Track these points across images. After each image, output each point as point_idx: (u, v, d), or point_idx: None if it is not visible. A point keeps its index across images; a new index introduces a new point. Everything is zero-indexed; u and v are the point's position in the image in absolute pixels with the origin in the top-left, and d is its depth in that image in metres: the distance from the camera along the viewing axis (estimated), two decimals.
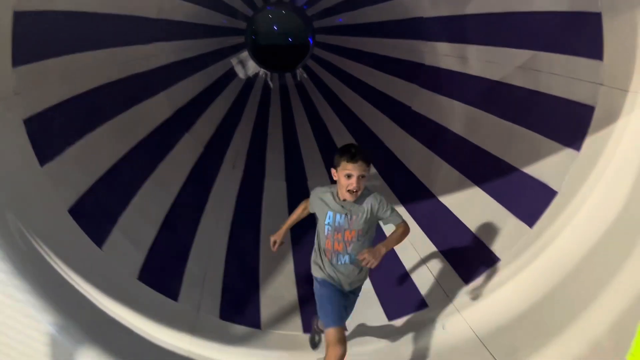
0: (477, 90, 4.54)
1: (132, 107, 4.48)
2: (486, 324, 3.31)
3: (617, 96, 3.05)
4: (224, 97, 6.83)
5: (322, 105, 7.39)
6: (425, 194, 4.75)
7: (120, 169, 3.92)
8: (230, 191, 5.42)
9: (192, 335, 3.29)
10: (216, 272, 4.16)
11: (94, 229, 3.29)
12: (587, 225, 3.14)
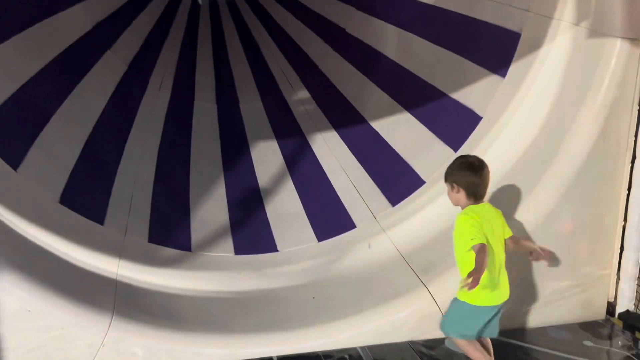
0: (411, 13, 4.50)
1: (45, 19, 4.10)
2: (409, 243, 3.49)
3: (542, 23, 3.13)
4: (149, 11, 6.37)
5: (254, 24, 7.09)
6: (357, 118, 4.78)
7: (35, 85, 3.63)
8: (158, 113, 5.21)
9: (120, 259, 3.25)
10: (144, 196, 4.06)
11: (8, 149, 3.09)
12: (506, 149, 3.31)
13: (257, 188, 4.65)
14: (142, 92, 5.19)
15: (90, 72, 4.54)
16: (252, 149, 5.11)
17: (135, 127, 4.68)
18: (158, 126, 4.95)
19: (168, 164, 4.60)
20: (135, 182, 4.10)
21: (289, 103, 5.76)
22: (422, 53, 4.34)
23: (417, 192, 3.81)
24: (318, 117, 5.32)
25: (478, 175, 2.58)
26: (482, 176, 2.59)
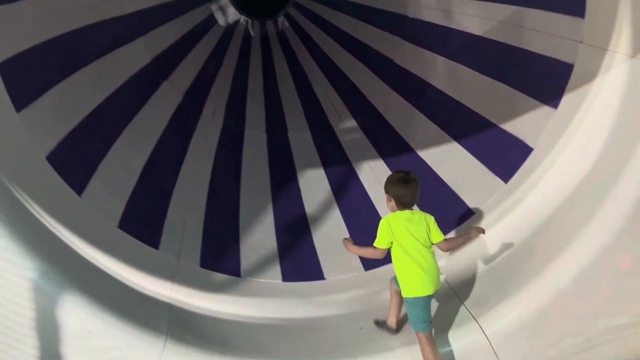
0: (459, 44, 4.53)
1: (109, 52, 4.36)
2: (459, 275, 3.45)
3: (596, 55, 3.09)
4: (203, 44, 6.66)
5: (303, 56, 7.28)
6: (404, 148, 4.80)
7: (98, 116, 3.86)
8: (210, 141, 5.39)
9: (173, 283, 3.36)
10: (197, 221, 4.19)
11: (73, 176, 3.27)
12: (559, 182, 3.25)
13: (304, 215, 4.71)
14: (196, 121, 5.40)
15: (149, 102, 4.77)
16: (299, 177, 5.20)
17: (189, 154, 4.86)
18: (210, 154, 5.11)
19: (219, 190, 4.73)
20: (188, 207, 4.23)
21: (336, 132, 5.85)
22: (470, 83, 4.34)
23: (465, 223, 3.78)
24: (365, 146, 5.38)
25: (405, 187, 3.04)
26: (409, 189, 3.04)
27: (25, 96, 3.09)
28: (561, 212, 3.13)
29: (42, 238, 2.72)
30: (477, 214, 3.75)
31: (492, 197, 3.67)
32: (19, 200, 2.68)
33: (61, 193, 3.15)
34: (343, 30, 6.85)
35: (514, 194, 3.53)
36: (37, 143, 3.08)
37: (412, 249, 2.94)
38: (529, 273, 2.97)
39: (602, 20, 3.03)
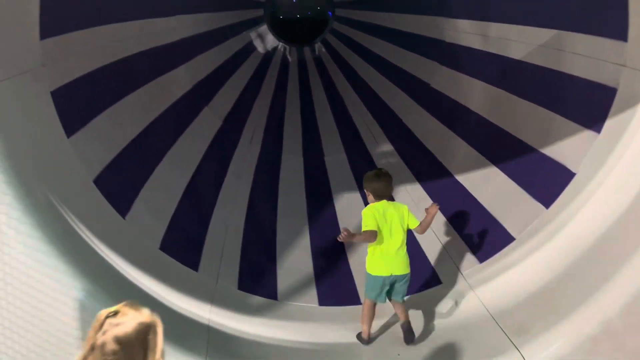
0: (497, 68, 4.52)
1: (154, 79, 4.53)
2: (499, 302, 3.37)
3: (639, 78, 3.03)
4: (242, 70, 6.84)
5: (340, 81, 7.37)
6: (442, 172, 4.77)
7: (142, 141, 4.00)
8: (249, 165, 5.49)
9: (212, 305, 3.40)
10: (235, 244, 4.25)
11: (118, 199, 3.39)
12: (603, 208, 3.16)
13: None
14: (234, 146, 5.51)
15: (190, 127, 4.92)
16: (336, 200, 5.22)
17: (227, 178, 4.96)
18: (248, 178, 5.20)
19: (257, 213, 4.80)
20: (227, 230, 4.30)
21: (372, 156, 5.86)
22: (509, 107, 4.31)
23: (506, 249, 3.71)
24: (402, 170, 5.36)
25: (379, 182, 3.45)
26: (382, 183, 3.45)
27: (75, 122, 3.23)
28: (606, 240, 3.03)
29: (89, 259, 2.81)
30: (518, 240, 3.68)
31: (533, 222, 3.59)
32: (68, 222, 2.79)
33: (106, 215, 3.27)
34: (379, 55, 6.92)
35: (556, 219, 3.45)
36: (85, 167, 3.21)
37: (386, 234, 3.33)
38: (573, 302, 2.88)
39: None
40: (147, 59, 4.46)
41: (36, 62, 2.94)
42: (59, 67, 3.17)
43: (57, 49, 3.15)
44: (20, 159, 2.59)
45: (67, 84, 3.24)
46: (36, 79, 2.91)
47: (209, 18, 6.18)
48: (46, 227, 2.53)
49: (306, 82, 7.61)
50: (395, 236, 3.33)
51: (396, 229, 3.34)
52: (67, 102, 3.14)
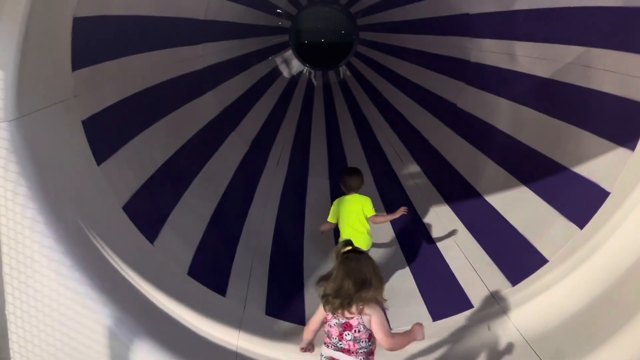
0: (525, 87, 4.46)
1: (181, 106, 4.62)
2: (533, 327, 3.26)
3: None
4: (268, 95, 6.93)
5: (365, 103, 7.39)
6: (471, 193, 4.70)
7: (170, 166, 4.05)
8: (275, 188, 5.51)
9: (240, 331, 3.38)
10: (262, 268, 4.24)
11: (147, 225, 3.42)
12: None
13: None
14: (261, 169, 5.55)
15: (217, 152, 4.98)
16: None
17: (254, 202, 4.98)
18: (275, 201, 5.22)
19: (284, 237, 4.79)
20: (254, 255, 4.30)
21: (398, 177, 5.82)
22: (538, 126, 4.23)
23: (539, 271, 3.59)
24: (429, 191, 5.31)
25: (350, 178, 4.31)
26: (352, 179, 4.31)
27: (105, 150, 3.30)
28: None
29: (118, 285, 2.83)
30: (551, 262, 3.57)
31: (567, 244, 3.49)
32: (98, 249, 2.83)
33: (135, 241, 3.30)
34: (404, 76, 6.93)
35: (591, 241, 3.33)
36: (114, 194, 3.26)
37: (349, 218, 4.18)
38: (611, 328, 2.76)
39: None
40: (175, 86, 4.55)
41: (68, 92, 3.02)
42: (90, 97, 3.25)
43: (89, 79, 3.23)
44: (52, 187, 2.65)
45: (98, 112, 3.31)
46: (68, 109, 2.99)
47: (235, 45, 6.30)
48: (77, 254, 2.58)
49: (331, 105, 7.66)
50: (351, 222, 4.15)
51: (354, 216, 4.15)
52: (97, 131, 3.21)
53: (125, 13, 3.66)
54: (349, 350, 2.60)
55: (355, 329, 2.60)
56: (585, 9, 3.59)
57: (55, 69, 2.92)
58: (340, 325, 2.62)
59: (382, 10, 7.38)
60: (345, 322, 2.61)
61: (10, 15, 2.45)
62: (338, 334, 2.63)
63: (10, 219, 2.49)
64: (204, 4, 4.95)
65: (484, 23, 4.96)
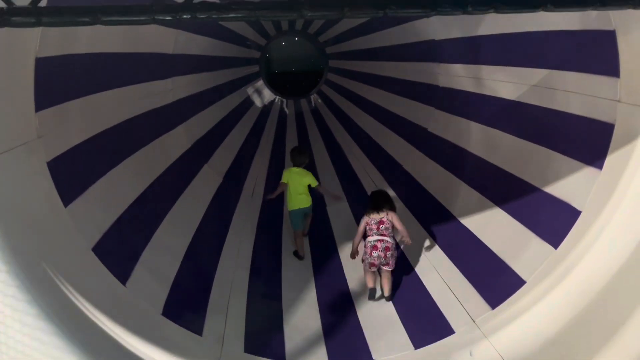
0: (493, 110, 4.53)
1: (151, 141, 4.55)
2: (515, 350, 3.23)
3: (636, 113, 3.01)
4: (241, 126, 6.91)
5: (338, 130, 7.43)
6: (445, 215, 4.72)
7: (141, 204, 3.97)
8: (250, 220, 5.45)
9: None
10: (239, 304, 4.15)
11: (118, 266, 3.32)
12: (614, 244, 3.08)
13: (347, 291, 4.61)
14: (236, 201, 5.50)
15: (190, 186, 4.91)
16: (340, 251, 5.14)
17: (230, 235, 4.91)
18: (251, 233, 5.15)
19: (261, 270, 4.71)
20: (230, 290, 4.21)
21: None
22: (508, 148, 4.29)
23: (518, 292, 3.59)
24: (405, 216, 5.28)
25: (297, 155, 5.40)
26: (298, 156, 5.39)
27: (72, 191, 3.21)
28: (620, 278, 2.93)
29: (88, 332, 2.72)
30: (529, 283, 3.58)
31: (543, 264, 3.50)
32: (66, 295, 2.71)
33: (106, 283, 3.19)
34: (374, 102, 7.00)
35: (566, 260, 3.36)
36: (82, 235, 3.16)
37: (294, 187, 5.23)
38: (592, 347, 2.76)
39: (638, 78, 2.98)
40: (144, 121, 4.49)
41: (32, 134, 2.94)
42: (55, 137, 3.17)
43: (53, 119, 3.16)
44: (16, 232, 2.54)
45: (64, 153, 3.23)
46: (32, 151, 2.90)
47: (205, 77, 6.29)
48: (43, 302, 2.46)
49: (304, 133, 7.68)
50: (298, 187, 5.20)
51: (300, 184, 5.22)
52: (63, 171, 3.12)
53: (91, 51, 3.61)
54: (384, 234, 4.45)
55: (385, 223, 4.51)
56: (546, 33, 3.68)
57: (18, 111, 2.84)
58: (377, 221, 4.53)
59: (350, 39, 7.48)
60: (380, 219, 4.53)
61: None
62: (376, 227, 4.51)
63: None
64: (172, 38, 4.93)
65: (450, 48, 5.05)
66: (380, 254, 4.35)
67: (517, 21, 3.92)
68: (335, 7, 2.26)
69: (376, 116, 6.78)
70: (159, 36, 4.72)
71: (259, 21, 6.03)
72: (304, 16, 2.27)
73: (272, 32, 8.20)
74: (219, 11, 2.19)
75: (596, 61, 3.30)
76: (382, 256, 4.34)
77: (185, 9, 2.18)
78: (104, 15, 2.13)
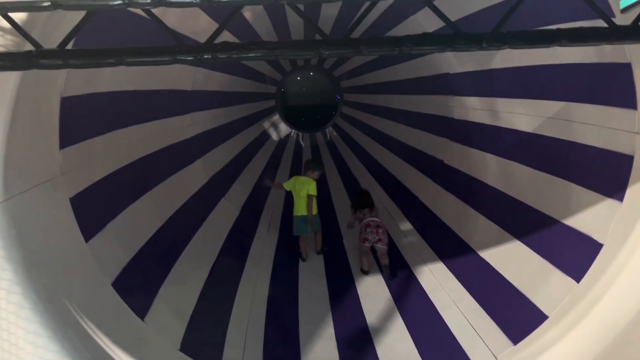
0: (509, 142, 4.53)
1: (170, 176, 4.62)
2: None
3: None
4: (257, 159, 6.98)
5: (353, 162, 7.46)
6: (464, 249, 4.67)
7: (160, 238, 4.00)
8: (267, 254, 5.45)
9: None
10: (257, 338, 4.11)
11: (137, 301, 3.33)
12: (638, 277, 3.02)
13: (365, 326, 4.55)
14: (252, 234, 5.51)
15: (207, 219, 4.94)
16: (357, 284, 5.10)
17: (246, 268, 4.90)
18: (268, 267, 5.14)
19: (278, 304, 4.68)
20: (248, 325, 4.18)
21: (391, 235, 5.79)
22: (526, 180, 4.27)
23: (540, 327, 3.52)
24: (423, 249, 5.27)
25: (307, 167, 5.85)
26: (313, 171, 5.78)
27: (93, 226, 3.26)
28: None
29: None
30: (551, 318, 3.50)
31: (566, 298, 3.43)
32: (86, 331, 2.73)
33: (125, 319, 3.20)
34: (389, 135, 7.04)
35: (589, 294, 3.29)
36: (103, 270, 3.19)
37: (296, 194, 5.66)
38: None
39: None
40: (164, 156, 4.57)
41: (56, 171, 3.01)
42: (78, 173, 3.24)
43: (76, 156, 3.24)
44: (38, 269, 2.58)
45: (86, 188, 3.30)
46: (55, 187, 2.97)
47: (223, 112, 6.40)
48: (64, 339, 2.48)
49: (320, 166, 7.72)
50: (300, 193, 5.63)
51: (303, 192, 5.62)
52: (85, 207, 3.18)
53: (113, 89, 3.72)
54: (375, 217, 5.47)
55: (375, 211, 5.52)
56: (561, 66, 3.70)
57: (43, 149, 2.92)
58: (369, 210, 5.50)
59: (364, 73, 7.58)
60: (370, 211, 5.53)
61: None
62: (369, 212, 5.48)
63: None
64: (191, 75, 5.05)
65: (465, 82, 5.10)
66: (372, 229, 5.26)
67: (532, 54, 3.95)
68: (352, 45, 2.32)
69: (391, 148, 6.81)
70: (178, 74, 4.84)
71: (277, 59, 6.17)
72: (321, 55, 2.33)
73: (288, 68, 8.36)
74: (238, 51, 2.27)
75: (613, 93, 3.30)
76: (374, 232, 5.22)
77: (206, 50, 2.26)
78: (128, 57, 2.21)
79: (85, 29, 2.21)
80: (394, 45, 2.28)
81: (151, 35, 2.51)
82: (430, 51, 2.39)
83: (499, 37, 2.27)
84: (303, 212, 5.57)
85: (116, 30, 3.26)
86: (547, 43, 2.30)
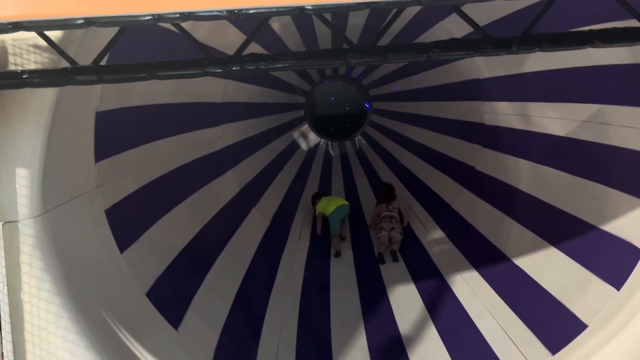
0: (542, 147, 4.44)
1: (202, 187, 4.69)
2: None
3: None
4: (287, 169, 7.02)
5: (383, 170, 7.42)
6: (498, 257, 4.58)
7: (192, 248, 4.06)
8: (298, 262, 5.45)
9: None
10: (289, 348, 4.12)
11: (171, 311, 3.39)
12: None
13: (398, 335, 4.50)
14: (283, 243, 5.53)
15: (239, 229, 4.99)
16: (390, 293, 5.05)
17: (278, 277, 4.92)
18: (299, 276, 5.15)
19: (310, 312, 4.68)
20: (280, 334, 4.19)
21: (423, 244, 5.73)
22: (560, 185, 4.17)
23: (579, 337, 3.41)
24: (455, 257, 5.19)
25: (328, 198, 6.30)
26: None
27: (128, 237, 3.33)
28: None
29: None
30: (591, 327, 3.39)
31: (605, 306, 3.32)
32: (122, 341, 2.78)
33: (160, 329, 3.25)
34: (419, 142, 6.98)
35: (631, 302, 3.18)
36: (137, 281, 3.25)
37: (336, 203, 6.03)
38: None
39: None
40: (195, 168, 4.65)
41: (91, 183, 3.09)
42: (113, 186, 3.32)
43: (111, 169, 3.32)
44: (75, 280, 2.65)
45: (120, 200, 3.37)
46: (91, 200, 3.05)
47: (253, 123, 6.47)
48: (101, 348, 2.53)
49: (349, 174, 7.71)
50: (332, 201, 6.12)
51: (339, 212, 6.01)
52: (120, 219, 3.25)
53: (145, 103, 3.81)
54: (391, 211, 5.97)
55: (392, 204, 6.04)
56: (594, 67, 3.61)
57: (79, 163, 3.00)
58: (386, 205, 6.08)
59: (393, 81, 7.56)
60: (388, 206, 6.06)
61: (36, 115, 2.55)
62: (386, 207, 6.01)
63: (34, 315, 2.48)
64: (221, 88, 5.13)
65: (495, 87, 5.03)
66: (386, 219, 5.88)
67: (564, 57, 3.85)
68: (379, 53, 2.32)
69: (421, 156, 6.76)
70: (208, 86, 4.92)
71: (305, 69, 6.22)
72: (348, 63, 2.34)
73: (316, 78, 8.40)
74: (266, 62, 2.29)
75: None
76: (387, 221, 5.86)
77: (234, 62, 2.29)
78: (159, 70, 2.26)
79: (118, 45, 2.28)
80: (421, 51, 2.27)
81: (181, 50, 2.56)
82: (458, 57, 2.38)
83: (529, 39, 2.24)
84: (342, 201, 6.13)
85: (148, 46, 3.34)
86: (580, 44, 2.25)
